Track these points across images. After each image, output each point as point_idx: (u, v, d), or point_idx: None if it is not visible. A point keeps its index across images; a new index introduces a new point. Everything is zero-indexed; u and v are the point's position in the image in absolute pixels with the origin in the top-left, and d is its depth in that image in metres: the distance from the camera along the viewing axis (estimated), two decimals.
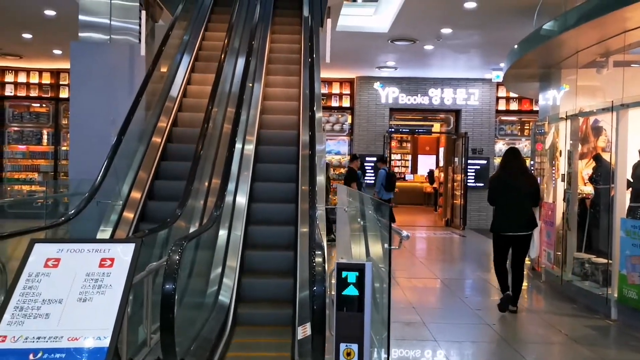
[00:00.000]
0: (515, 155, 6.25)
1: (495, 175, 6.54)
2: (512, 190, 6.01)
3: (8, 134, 14.28)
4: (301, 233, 5.65)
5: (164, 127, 7.04)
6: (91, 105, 7.29)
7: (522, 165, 6.29)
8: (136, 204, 6.09)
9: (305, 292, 5.04)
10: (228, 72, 7.68)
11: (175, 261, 3.35)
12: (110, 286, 2.26)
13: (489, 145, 14.55)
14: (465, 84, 14.51)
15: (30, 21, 9.79)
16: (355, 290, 2.48)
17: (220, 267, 5.30)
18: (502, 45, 10.37)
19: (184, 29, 8.55)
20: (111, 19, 7.65)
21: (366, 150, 14.51)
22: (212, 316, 4.71)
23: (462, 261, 9.48)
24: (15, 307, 2.17)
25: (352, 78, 14.79)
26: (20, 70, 14.24)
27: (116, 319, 2.15)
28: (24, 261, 2.33)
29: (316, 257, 3.52)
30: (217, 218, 4.89)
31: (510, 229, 5.98)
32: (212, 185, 6.07)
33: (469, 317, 5.96)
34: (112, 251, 2.39)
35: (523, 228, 5.97)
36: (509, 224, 5.99)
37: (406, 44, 10.85)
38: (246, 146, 6.73)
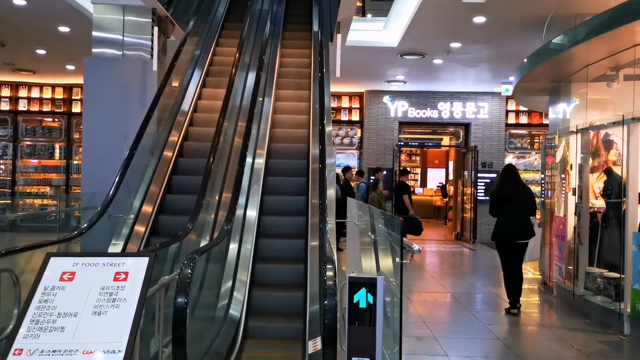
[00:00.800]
0: (512, 171, 6.97)
1: (495, 190, 7.06)
2: (512, 202, 6.63)
3: (21, 148, 14.45)
4: (311, 247, 5.66)
5: (175, 141, 7.11)
6: (104, 120, 7.38)
7: (519, 179, 6.96)
8: (147, 217, 6.13)
9: (315, 305, 5.04)
10: (239, 86, 7.76)
11: (187, 275, 3.38)
12: (125, 300, 2.29)
13: (498, 159, 14.52)
14: (475, 97, 14.53)
15: (44, 37, 9.96)
16: (367, 304, 2.48)
17: (230, 280, 5.31)
18: (511, 59, 10.40)
19: (195, 44, 8.66)
20: (124, 35, 7.76)
21: (375, 163, 14.52)
22: (222, 330, 4.72)
23: (473, 275, 9.42)
24: (32, 320, 2.20)
25: (361, 92, 14.86)
26: (34, 86, 14.44)
27: (130, 333, 2.17)
28: (40, 274, 2.36)
29: (327, 271, 3.53)
30: (228, 232, 4.91)
31: (510, 237, 6.61)
32: (222, 199, 6.11)
33: (480, 331, 5.92)
34: (126, 265, 2.42)
35: (522, 236, 6.61)
36: (509, 232, 6.61)
37: (415, 58, 10.90)
38: (257, 160, 6.77)
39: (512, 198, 6.66)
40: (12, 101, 14.43)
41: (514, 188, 6.76)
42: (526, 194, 6.80)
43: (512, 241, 6.61)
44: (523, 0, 7.59)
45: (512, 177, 6.88)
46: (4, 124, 14.42)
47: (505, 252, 6.71)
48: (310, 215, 6.07)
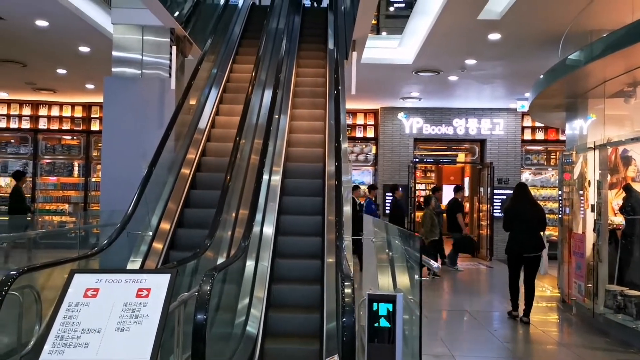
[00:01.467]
0: (524, 190, 7.55)
1: (509, 206, 7.62)
2: (523, 218, 7.13)
3: (41, 166, 14.68)
4: (328, 264, 5.66)
5: (193, 158, 7.19)
6: (123, 138, 7.49)
7: (531, 197, 7.49)
8: (165, 234, 6.19)
9: (332, 323, 5.03)
10: (255, 104, 7.84)
11: (207, 292, 3.39)
12: (147, 316, 2.31)
13: (515, 175, 14.43)
14: (490, 113, 14.51)
15: (65, 57, 10.17)
16: (386, 321, 2.48)
17: (247, 298, 5.32)
18: (526, 75, 10.40)
19: (212, 63, 8.79)
20: (143, 54, 7.90)
21: (390, 180, 14.51)
22: (240, 347, 4.72)
23: (490, 292, 9.34)
24: (56, 336, 2.23)
25: (376, 109, 14.91)
26: (54, 104, 14.70)
27: (153, 349, 2.19)
28: (64, 291, 2.40)
29: (345, 288, 3.53)
30: (245, 248, 4.94)
31: (522, 251, 7.08)
32: (239, 216, 6.14)
33: (498, 350, 5.85)
34: (148, 281, 2.45)
35: (533, 250, 7.05)
36: (521, 246, 7.08)
37: (430, 75, 10.94)
38: (273, 177, 6.80)
39: (523, 214, 7.16)
40: (33, 120, 14.70)
41: (525, 205, 7.27)
42: (536, 211, 7.27)
43: (523, 254, 7.09)
44: (538, 17, 7.61)
45: (523, 195, 7.41)
46: (25, 142, 14.68)
47: (515, 264, 7.23)
48: (326, 232, 6.08)
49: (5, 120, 14.63)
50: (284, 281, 5.67)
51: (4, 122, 14.63)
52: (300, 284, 5.69)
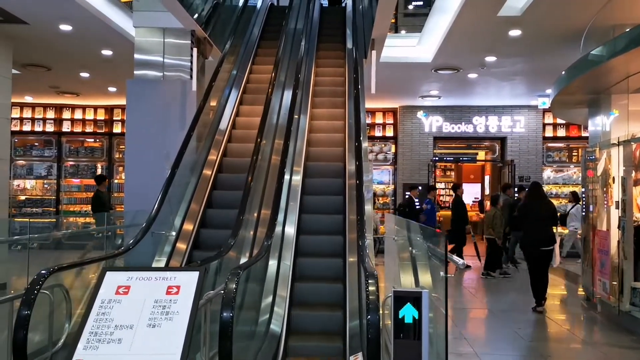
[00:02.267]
0: (538, 188, 8.01)
1: (523, 204, 8.12)
2: (536, 215, 7.55)
3: (65, 168, 14.93)
4: (349, 263, 5.68)
5: (215, 159, 7.27)
6: (146, 139, 7.59)
7: (543, 195, 8.01)
8: (189, 234, 6.27)
9: (355, 322, 5.05)
10: (275, 104, 7.89)
11: (233, 290, 3.44)
12: (177, 312, 2.36)
13: (536, 173, 14.29)
14: (511, 111, 14.39)
15: (88, 61, 10.34)
16: (412, 318, 2.50)
17: (270, 296, 5.36)
18: (547, 72, 10.30)
19: (232, 64, 8.86)
20: (164, 57, 8.00)
21: (410, 179, 14.48)
22: (264, 345, 4.77)
23: (512, 291, 9.26)
24: (90, 332, 2.29)
25: (395, 108, 14.88)
26: (77, 107, 14.94)
27: (184, 344, 2.24)
28: (97, 288, 2.46)
29: (369, 286, 3.55)
30: (268, 247, 4.98)
31: (535, 245, 7.48)
32: (261, 216, 6.19)
33: (522, 349, 5.82)
34: (177, 279, 2.50)
35: (545, 244, 7.47)
36: (534, 241, 7.50)
37: (450, 73, 10.90)
38: (294, 177, 6.85)
39: (536, 211, 7.61)
40: (57, 123, 14.97)
41: (537, 203, 7.72)
42: (547, 208, 7.71)
43: (537, 248, 7.48)
44: (560, 13, 7.54)
45: (535, 193, 7.89)
46: (49, 145, 14.95)
47: (531, 258, 7.61)
48: (347, 231, 6.10)
49: (30, 124, 14.92)
50: (307, 280, 5.70)
51: (28, 125, 14.91)
52: (323, 282, 5.72)
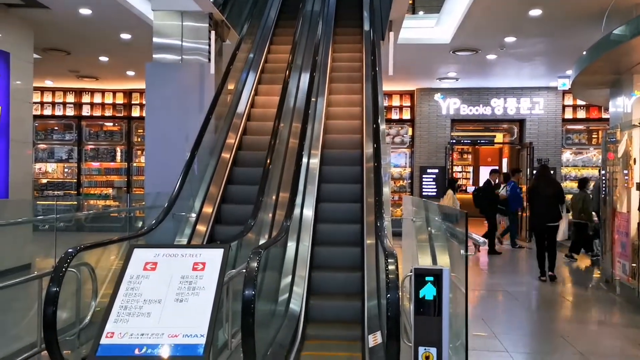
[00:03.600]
0: (544, 170, 8.84)
1: (531, 186, 9.29)
2: (542, 194, 8.39)
3: (85, 152, 15.14)
4: (367, 245, 5.73)
5: (233, 140, 7.33)
6: (165, 122, 7.67)
7: (550, 176, 8.82)
8: (209, 215, 6.36)
9: (373, 301, 5.11)
10: (292, 87, 7.91)
11: (254, 268, 3.50)
12: (203, 288, 2.43)
13: (555, 155, 14.16)
14: (530, 92, 14.23)
15: (107, 45, 10.43)
16: (433, 294, 2.54)
17: (290, 276, 5.44)
18: (568, 52, 10.16)
19: (249, 47, 8.89)
20: (182, 40, 8.04)
21: (427, 162, 14.44)
22: (284, 323, 4.86)
23: (529, 273, 9.25)
24: (120, 306, 2.37)
25: (412, 90, 14.80)
26: (96, 92, 15.09)
27: (210, 318, 2.31)
28: (125, 265, 2.54)
29: (389, 265, 3.59)
30: (288, 227, 5.05)
31: (541, 221, 8.35)
32: (279, 199, 6.25)
33: (540, 329, 5.83)
34: (203, 256, 2.57)
35: (551, 220, 8.29)
36: (541, 218, 8.36)
37: (468, 54, 10.79)
38: (311, 160, 6.88)
39: (542, 191, 8.42)
40: (76, 107, 15.13)
41: (544, 183, 8.52)
42: (553, 188, 8.49)
43: (544, 224, 8.32)
44: None
45: (542, 175, 8.70)
46: (69, 129, 15.15)
47: (539, 233, 8.50)
48: (365, 214, 6.14)
49: (51, 108, 15.11)
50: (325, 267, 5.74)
51: (49, 109, 15.10)
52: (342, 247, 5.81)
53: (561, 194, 8.57)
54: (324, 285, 5.59)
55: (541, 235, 8.41)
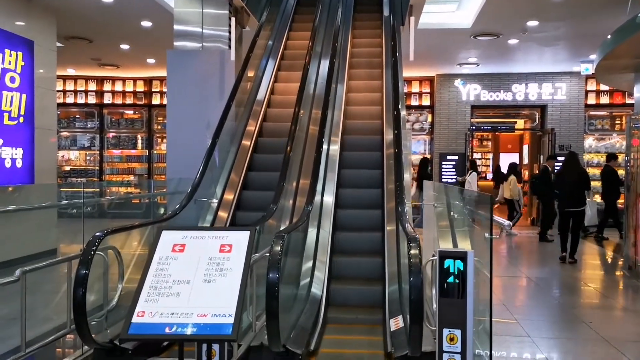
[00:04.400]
0: (572, 157, 9.18)
1: (559, 172, 9.42)
2: (569, 180, 8.74)
3: (107, 140, 15.33)
4: (388, 231, 5.74)
5: (254, 127, 7.37)
6: (186, 109, 7.74)
7: (576, 163, 9.11)
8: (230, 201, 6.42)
9: (394, 286, 5.14)
10: (311, 74, 7.90)
11: (278, 252, 3.55)
12: (231, 269, 2.48)
13: (577, 142, 13.97)
14: (552, 78, 14.02)
15: (128, 33, 10.51)
16: (457, 277, 2.55)
17: (311, 261, 5.48)
18: (591, 36, 9.99)
19: (268, 33, 8.89)
20: (203, 27, 8.08)
21: (447, 149, 14.36)
22: (306, 307, 4.91)
23: (551, 260, 9.19)
24: (150, 286, 2.43)
25: (432, 76, 14.68)
26: (117, 80, 15.23)
27: (238, 298, 2.35)
28: (154, 246, 2.59)
29: (411, 249, 3.60)
30: (309, 212, 5.09)
31: (568, 207, 8.69)
32: (300, 186, 6.28)
33: (562, 315, 5.81)
34: (230, 238, 2.61)
35: (575, 205, 8.64)
36: (567, 203, 8.73)
37: (489, 39, 10.67)
38: (331, 147, 6.89)
39: (569, 177, 8.76)
40: (98, 95, 15.30)
41: (571, 170, 8.84)
42: (579, 174, 8.82)
43: (569, 209, 8.65)
44: None
45: (569, 162, 9.06)
46: (91, 117, 15.34)
47: (563, 217, 8.83)
48: (386, 200, 6.14)
49: (73, 96, 15.29)
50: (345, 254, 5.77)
51: (71, 97, 15.29)
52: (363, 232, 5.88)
53: (587, 180, 8.90)
54: (344, 270, 5.64)
55: (566, 219, 8.72)
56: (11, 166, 7.93)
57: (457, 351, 2.54)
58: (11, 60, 7.85)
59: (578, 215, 8.69)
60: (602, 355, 4.53)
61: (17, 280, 3.15)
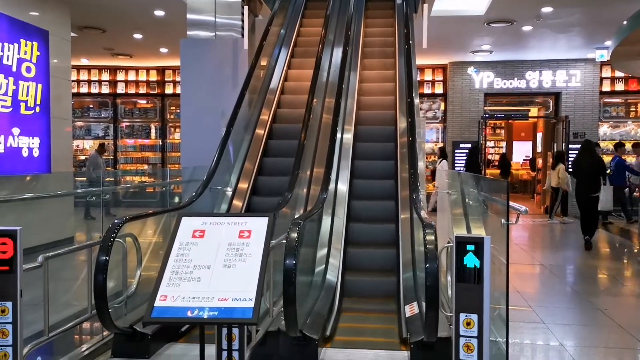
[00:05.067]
0: (587, 145, 9.51)
1: (576, 159, 9.75)
2: (584, 168, 9.14)
3: (120, 129, 15.45)
4: (402, 219, 5.76)
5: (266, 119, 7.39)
6: (200, 99, 7.76)
7: (591, 151, 9.44)
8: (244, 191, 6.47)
9: (408, 274, 5.17)
10: (324, 62, 7.89)
11: (295, 239, 3.59)
12: (250, 255, 2.51)
13: (592, 129, 13.85)
14: (566, 65, 13.88)
15: (141, 22, 10.55)
16: (474, 262, 2.57)
17: (326, 248, 5.52)
18: (607, 22, 9.87)
19: (281, 22, 8.88)
20: (216, 16, 8.08)
21: (460, 137, 14.30)
22: (321, 294, 4.95)
23: (565, 247, 9.18)
24: (172, 271, 2.47)
25: (444, 64, 14.59)
26: (130, 69, 15.30)
27: (258, 283, 2.39)
28: (175, 232, 2.63)
29: (427, 235, 3.63)
30: (324, 200, 5.12)
31: (582, 192, 9.13)
32: (314, 174, 6.30)
33: (577, 302, 5.82)
34: (248, 224, 2.65)
35: (591, 191, 9.04)
36: (583, 188, 9.14)
37: (503, 26, 10.57)
38: (345, 135, 6.89)
39: (585, 164, 9.15)
40: (111, 84, 15.40)
41: (587, 158, 9.20)
42: (594, 162, 9.19)
43: (586, 195, 9.05)
44: None
45: (585, 149, 9.40)
46: (105, 107, 15.45)
47: (582, 202, 9.21)
48: (400, 188, 6.14)
49: (87, 86, 15.40)
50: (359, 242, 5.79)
51: (85, 87, 15.40)
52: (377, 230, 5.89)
53: (602, 167, 9.33)
54: (359, 256, 5.67)
55: (584, 204, 9.14)
56: (28, 155, 8.03)
57: (474, 335, 2.57)
58: (27, 50, 7.92)
59: (593, 200, 9.08)
60: (617, 342, 4.53)
61: (40, 266, 3.21)
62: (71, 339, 4.24)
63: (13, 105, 7.69)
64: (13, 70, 7.67)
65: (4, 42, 7.52)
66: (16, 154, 7.80)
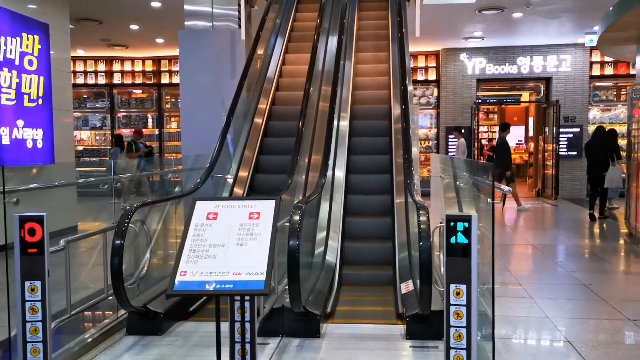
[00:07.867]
0: (598, 131, 10.57)
1: (588, 143, 10.80)
2: (594, 151, 10.15)
3: (117, 119, 15.60)
4: (397, 204, 6.01)
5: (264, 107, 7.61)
6: (199, 89, 7.98)
7: (601, 136, 10.41)
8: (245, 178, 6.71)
9: (404, 253, 5.43)
10: (320, 51, 8.10)
11: (297, 221, 3.85)
12: (260, 234, 2.77)
13: (582, 113, 14.13)
14: (557, 50, 14.12)
15: (137, 13, 10.70)
16: (463, 238, 2.83)
17: (325, 231, 5.78)
18: (596, 7, 10.09)
19: (276, 12, 9.06)
20: (213, 6, 8.26)
21: (453, 122, 14.54)
22: (322, 274, 5.22)
23: (555, 229, 9.48)
24: (190, 249, 2.72)
25: (437, 50, 14.79)
26: (126, 60, 15.43)
27: (268, 259, 2.65)
28: (190, 215, 2.88)
29: (421, 216, 3.90)
30: (323, 185, 5.37)
31: (595, 173, 10.07)
32: (312, 161, 6.54)
33: (564, 278, 6.11)
34: (257, 206, 2.89)
35: (600, 171, 9.98)
36: (593, 169, 10.10)
37: (494, 13, 10.79)
38: (341, 122, 7.13)
39: (594, 148, 10.18)
40: (107, 75, 15.53)
41: (596, 142, 10.24)
42: (602, 146, 10.13)
43: (596, 175, 10.06)
44: None
45: (596, 135, 10.48)
46: (102, 97, 15.59)
47: (592, 181, 10.27)
48: (394, 173, 6.40)
49: (83, 77, 15.53)
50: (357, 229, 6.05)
51: (81, 78, 15.52)
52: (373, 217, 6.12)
53: (609, 151, 10.21)
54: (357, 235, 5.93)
55: (594, 183, 10.20)
56: (32, 146, 8.23)
57: (463, 304, 2.83)
58: (29, 43, 8.09)
59: (602, 179, 10.08)
60: (600, 313, 4.82)
61: (62, 249, 3.46)
62: (89, 318, 4.49)
63: (17, 98, 7.88)
64: (16, 64, 7.85)
65: (7, 36, 7.68)
66: (21, 145, 8.00)
